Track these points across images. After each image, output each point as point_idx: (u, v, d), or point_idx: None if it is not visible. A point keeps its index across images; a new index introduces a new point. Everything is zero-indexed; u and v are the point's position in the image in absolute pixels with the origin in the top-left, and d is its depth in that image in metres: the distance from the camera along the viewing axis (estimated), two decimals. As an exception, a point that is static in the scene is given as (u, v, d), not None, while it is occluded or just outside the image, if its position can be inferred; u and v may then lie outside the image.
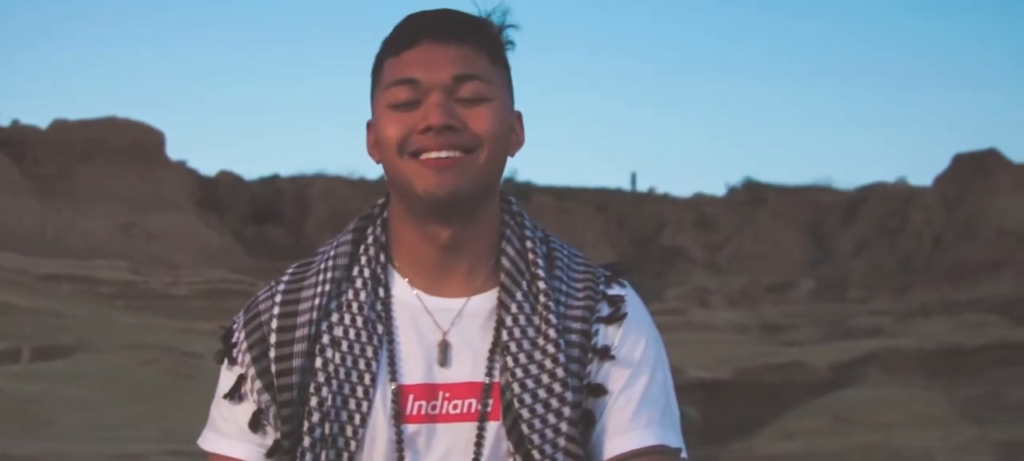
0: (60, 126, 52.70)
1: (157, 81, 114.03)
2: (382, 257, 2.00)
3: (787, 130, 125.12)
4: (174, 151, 57.09)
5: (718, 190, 65.55)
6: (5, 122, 52.00)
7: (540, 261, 1.96)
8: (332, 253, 2.02)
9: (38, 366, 24.90)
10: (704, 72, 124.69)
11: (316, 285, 1.99)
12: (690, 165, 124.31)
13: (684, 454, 1.97)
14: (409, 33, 1.93)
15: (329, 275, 1.99)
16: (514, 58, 1.95)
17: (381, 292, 1.97)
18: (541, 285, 1.94)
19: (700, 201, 61.16)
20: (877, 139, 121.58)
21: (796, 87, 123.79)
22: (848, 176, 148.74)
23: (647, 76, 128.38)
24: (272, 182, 59.81)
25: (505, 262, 1.96)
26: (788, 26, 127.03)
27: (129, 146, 51.32)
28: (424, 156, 1.90)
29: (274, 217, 57.10)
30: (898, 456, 28.11)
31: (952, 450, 28.08)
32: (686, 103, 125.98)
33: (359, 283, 1.97)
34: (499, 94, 1.93)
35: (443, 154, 1.88)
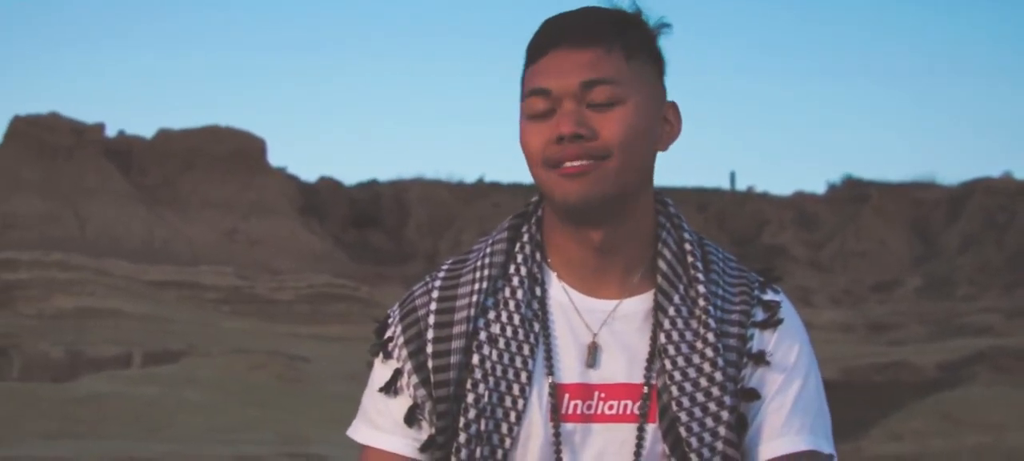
0: (164, 136, 53.74)
1: (257, 89, 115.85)
2: (537, 256, 1.99)
3: (888, 126, 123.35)
4: (275, 158, 58.02)
5: (819, 188, 64.86)
6: (112, 133, 53.09)
7: (699, 264, 1.95)
8: (488, 251, 2.01)
9: (151, 370, 25.37)
10: (801, 70, 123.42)
11: (473, 282, 1.98)
12: (790, 163, 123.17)
13: (835, 459, 1.96)
14: (543, 40, 1.92)
15: (486, 273, 1.97)
16: None
17: (537, 291, 1.95)
18: (701, 289, 1.92)
19: (801, 199, 60.52)
20: (981, 133, 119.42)
21: (897, 83, 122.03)
22: (952, 171, 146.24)
23: (744, 74, 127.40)
24: (371, 187, 60.33)
25: (662, 265, 1.94)
26: (889, 22, 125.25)
27: (231, 154, 52.18)
28: (557, 166, 1.88)
29: (374, 221, 57.60)
30: (1010, 457, 27.53)
31: (1067, 451, 27.46)
32: (784, 100, 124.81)
33: (516, 281, 1.96)
34: (635, 93, 1.89)
35: (575, 163, 1.87)
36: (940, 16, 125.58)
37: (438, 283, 2.00)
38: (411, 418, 1.95)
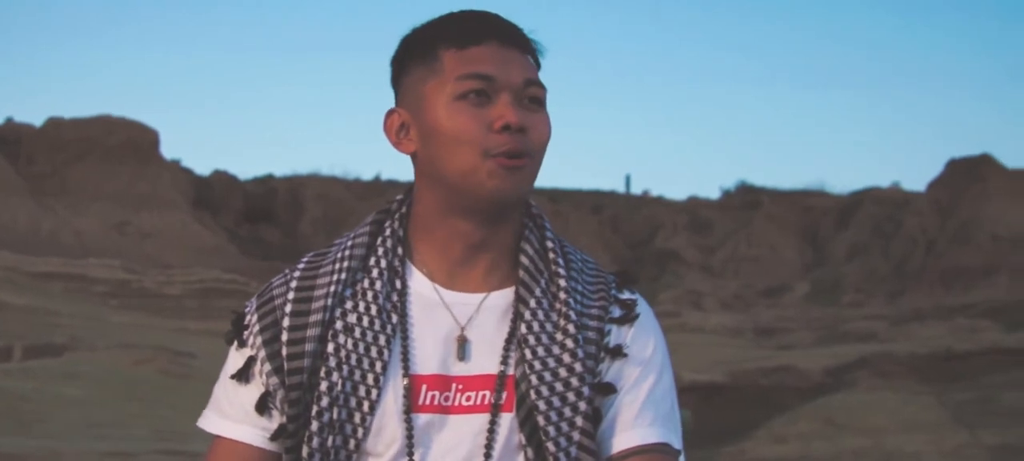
0: (54, 124, 52.65)
1: (151, 80, 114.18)
2: (400, 251, 2.01)
3: (781, 133, 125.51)
4: (169, 150, 57.19)
5: (713, 193, 65.75)
6: (-1, 120, 51.96)
7: (561, 260, 2.00)
8: (349, 244, 2.04)
9: (31, 364, 24.88)
10: (698, 75, 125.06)
11: (332, 274, 2.00)
12: (684, 168, 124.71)
13: (683, 458, 2.00)
14: (475, 29, 1.95)
15: (345, 265, 2.00)
16: None
17: (397, 284, 1.98)
18: (562, 283, 1.97)
19: (694, 204, 61.31)
20: (871, 144, 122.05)
21: (790, 91, 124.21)
22: (842, 180, 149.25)
23: (640, 78, 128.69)
24: (266, 182, 59.80)
25: (524, 260, 1.99)
26: (782, 31, 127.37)
27: (123, 145, 51.29)
28: (498, 155, 1.91)
29: (268, 217, 57.10)
30: (890, 460, 28.19)
31: (944, 455, 28.15)
32: (680, 106, 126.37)
33: (375, 273, 1.98)
34: (545, 103, 1.98)
35: (519, 158, 1.92)
36: (834, 26, 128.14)
37: (297, 274, 2.03)
38: (262, 406, 1.96)
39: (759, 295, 50.72)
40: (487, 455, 1.91)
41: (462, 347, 1.94)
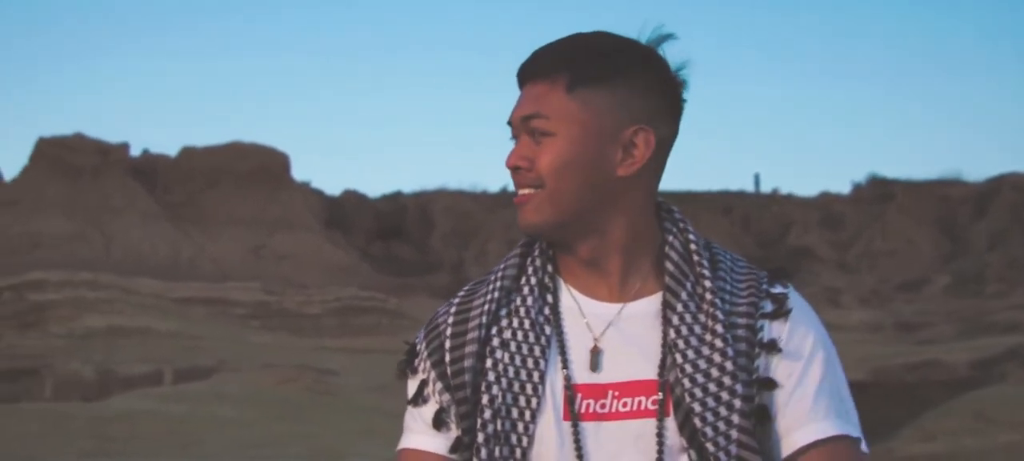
0: (188, 153, 54.01)
1: (279, 103, 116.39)
2: (549, 267, 2.07)
3: (912, 123, 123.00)
4: (299, 172, 58.14)
5: (844, 188, 64.66)
6: (136, 152, 53.40)
7: (705, 262, 2.02)
8: (502, 267, 2.14)
9: (181, 387, 25.51)
10: (823, 69, 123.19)
11: (486, 295, 2.09)
12: (814, 163, 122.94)
13: (864, 446, 1.99)
14: (519, 75, 2.06)
15: (498, 285, 2.08)
16: None
17: (549, 297, 2.04)
18: (707, 284, 1.99)
19: (826, 200, 60.38)
20: (1007, 128, 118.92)
21: (920, 80, 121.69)
22: (977, 168, 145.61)
23: (767, 76, 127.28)
24: (395, 199, 60.49)
25: (669, 265, 2.02)
26: (912, 21, 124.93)
27: (255, 169, 52.41)
28: (516, 195, 2.04)
29: (399, 233, 57.76)
30: (1043, 455, 27.41)
31: (1103, 446, 27.28)
32: (807, 101, 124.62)
33: (526, 290, 2.05)
34: (569, 125, 1.99)
35: (520, 192, 2.02)
36: (963, 13, 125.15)
37: (457, 300, 2.11)
38: (438, 421, 2.04)
39: (897, 289, 49.76)
40: (658, 459, 1.93)
41: (595, 358, 1.98)
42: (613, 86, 2.00)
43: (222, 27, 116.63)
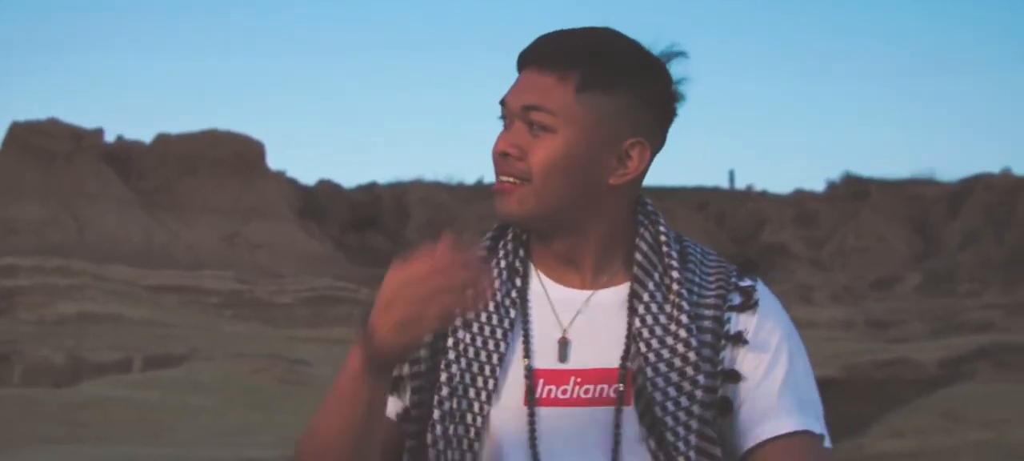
0: (163, 140, 53.66)
1: (255, 92, 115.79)
2: (521, 252, 2.05)
3: (887, 122, 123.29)
4: (274, 161, 57.87)
5: (818, 185, 64.74)
6: (111, 138, 53.04)
7: (674, 254, 2.01)
8: (474, 248, 2.09)
9: (152, 375, 25.43)
10: (800, 67, 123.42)
11: None
12: (789, 160, 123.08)
13: (827, 442, 1.99)
14: (522, 56, 2.00)
15: None
16: None
17: (517, 282, 2.03)
18: (674, 274, 1.99)
19: (800, 197, 60.49)
20: (980, 129, 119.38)
21: (894, 78, 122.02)
22: (951, 168, 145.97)
23: (743, 72, 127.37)
24: (370, 189, 60.30)
25: (638, 255, 2.01)
26: (888, 17, 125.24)
27: (230, 158, 52.14)
28: (496, 179, 2.00)
29: (374, 224, 57.58)
30: (1012, 453, 27.52)
31: (1071, 446, 27.46)
32: (783, 98, 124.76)
33: (495, 272, 2.03)
34: (572, 126, 1.95)
35: (501, 180, 1.97)
36: (937, 12, 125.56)
37: None
38: (393, 386, 2.01)
39: (869, 287, 49.93)
40: (615, 448, 1.93)
41: (563, 348, 1.97)
42: (621, 94, 1.97)
43: (199, 15, 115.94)
